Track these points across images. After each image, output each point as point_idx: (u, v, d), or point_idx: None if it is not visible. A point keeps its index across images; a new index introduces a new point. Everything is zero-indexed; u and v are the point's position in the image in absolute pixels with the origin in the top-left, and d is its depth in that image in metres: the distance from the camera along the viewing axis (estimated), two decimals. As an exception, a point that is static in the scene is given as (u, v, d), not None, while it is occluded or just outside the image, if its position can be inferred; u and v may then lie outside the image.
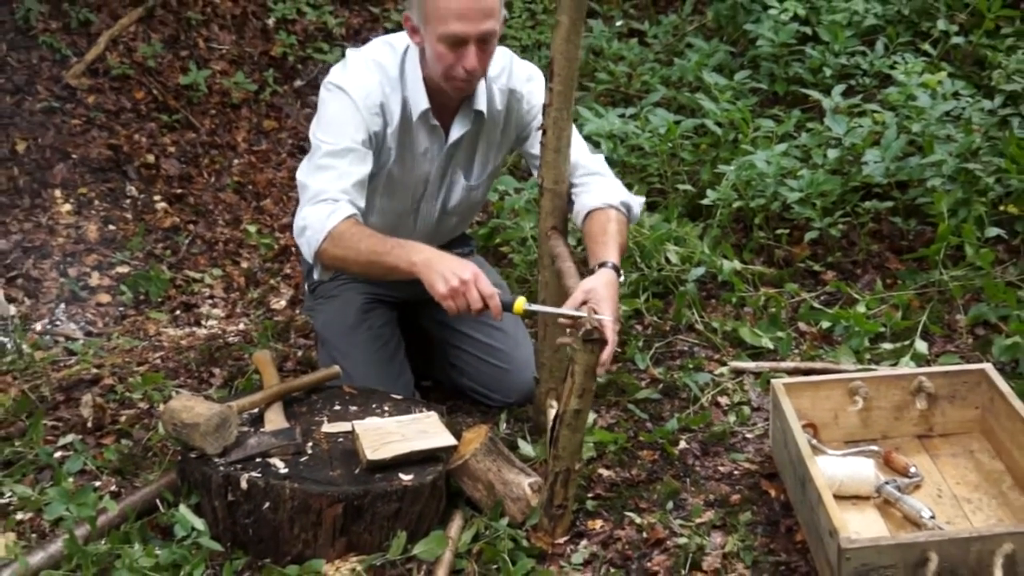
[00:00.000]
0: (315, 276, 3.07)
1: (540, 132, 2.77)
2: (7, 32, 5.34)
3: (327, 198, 2.73)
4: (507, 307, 2.49)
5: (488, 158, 3.08)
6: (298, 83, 5.75)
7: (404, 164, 2.96)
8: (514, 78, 2.99)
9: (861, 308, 3.36)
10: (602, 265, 2.60)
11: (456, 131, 2.96)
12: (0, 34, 5.32)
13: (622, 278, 2.62)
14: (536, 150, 2.88)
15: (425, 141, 2.95)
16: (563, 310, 2.46)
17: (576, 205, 2.84)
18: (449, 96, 2.89)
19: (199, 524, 2.52)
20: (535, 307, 2.57)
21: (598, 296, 2.44)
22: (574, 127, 3.00)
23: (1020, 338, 2.92)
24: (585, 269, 2.67)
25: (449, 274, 2.49)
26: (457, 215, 3.20)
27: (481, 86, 2.92)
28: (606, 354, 2.37)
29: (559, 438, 2.44)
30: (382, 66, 2.89)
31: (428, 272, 2.53)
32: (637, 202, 2.90)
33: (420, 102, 2.87)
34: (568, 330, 2.45)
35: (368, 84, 2.84)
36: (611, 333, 2.38)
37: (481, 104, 2.93)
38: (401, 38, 2.91)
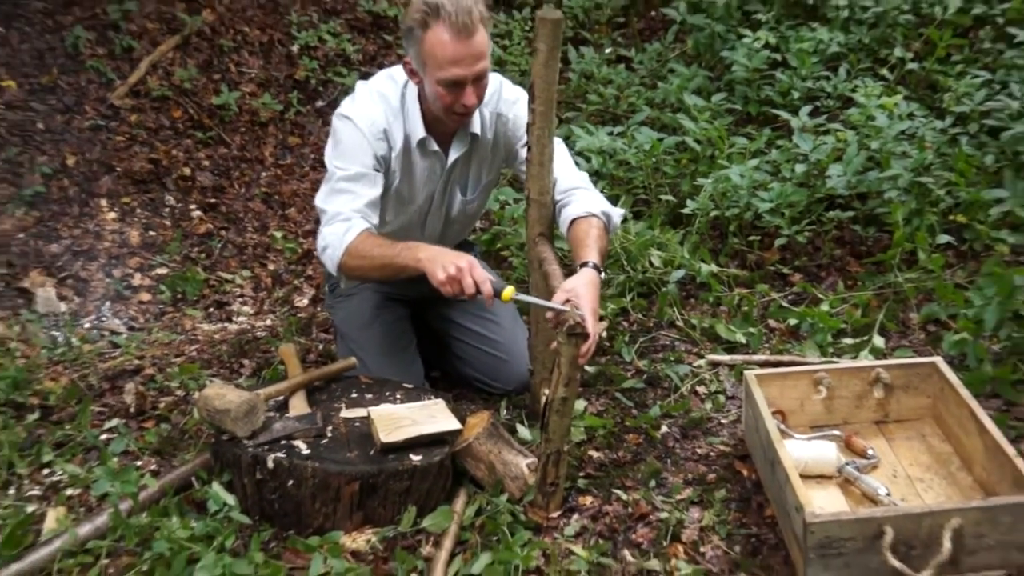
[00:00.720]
0: (341, 285, 3.09)
1: (525, 148, 2.79)
2: (58, 57, 5.35)
3: (343, 218, 2.76)
4: (497, 294, 2.51)
5: (481, 175, 3.10)
6: (319, 103, 5.75)
7: (410, 184, 2.98)
8: (502, 102, 3.00)
9: (825, 307, 3.37)
10: (583, 265, 2.60)
11: (454, 153, 2.97)
12: (51, 59, 5.32)
13: (609, 278, 2.63)
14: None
15: (427, 163, 2.97)
16: (548, 303, 2.47)
17: (562, 215, 2.84)
18: (452, 129, 2.92)
19: (230, 499, 2.53)
20: (522, 296, 2.58)
21: (579, 294, 2.45)
22: (565, 147, 3.01)
23: (967, 334, 2.92)
24: (569, 271, 2.67)
25: (447, 263, 2.51)
26: (459, 223, 3.22)
27: (475, 117, 2.93)
28: (586, 346, 2.38)
29: (549, 423, 2.45)
30: (385, 97, 2.90)
31: (430, 264, 2.55)
32: (617, 213, 2.90)
33: (418, 131, 2.89)
34: (554, 327, 2.46)
35: (372, 113, 2.86)
36: (592, 326, 2.39)
37: (476, 127, 2.95)
38: (401, 70, 2.91)
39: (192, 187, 5.08)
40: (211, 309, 4.30)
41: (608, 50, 5.46)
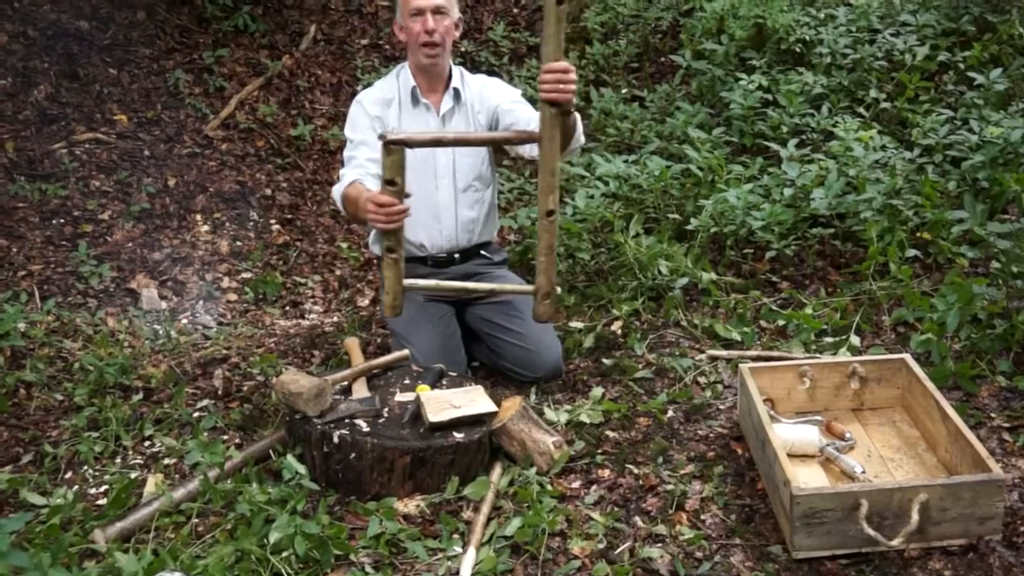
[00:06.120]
0: (370, 245, 3.37)
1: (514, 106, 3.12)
2: (161, 96, 5.40)
3: (344, 175, 3.02)
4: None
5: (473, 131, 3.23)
6: (379, 135, 5.76)
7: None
8: (482, 84, 3.23)
9: (808, 310, 3.33)
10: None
11: (445, 105, 3.17)
12: (156, 97, 5.37)
13: (623, 284, 2.60)
14: (511, 117, 3.11)
15: (423, 117, 3.18)
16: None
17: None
18: (432, 78, 3.15)
19: (302, 469, 2.53)
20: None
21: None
22: (521, 101, 3.19)
23: (932, 335, 2.88)
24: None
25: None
26: (468, 199, 3.24)
27: (457, 76, 3.20)
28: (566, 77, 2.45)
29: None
30: (384, 79, 3.26)
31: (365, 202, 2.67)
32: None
33: (409, 82, 3.17)
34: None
35: (371, 91, 3.21)
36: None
37: (457, 83, 3.18)
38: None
39: (272, 205, 5.11)
40: (287, 308, 4.32)
41: (624, 90, 5.43)
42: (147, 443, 2.90)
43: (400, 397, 2.73)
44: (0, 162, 4.56)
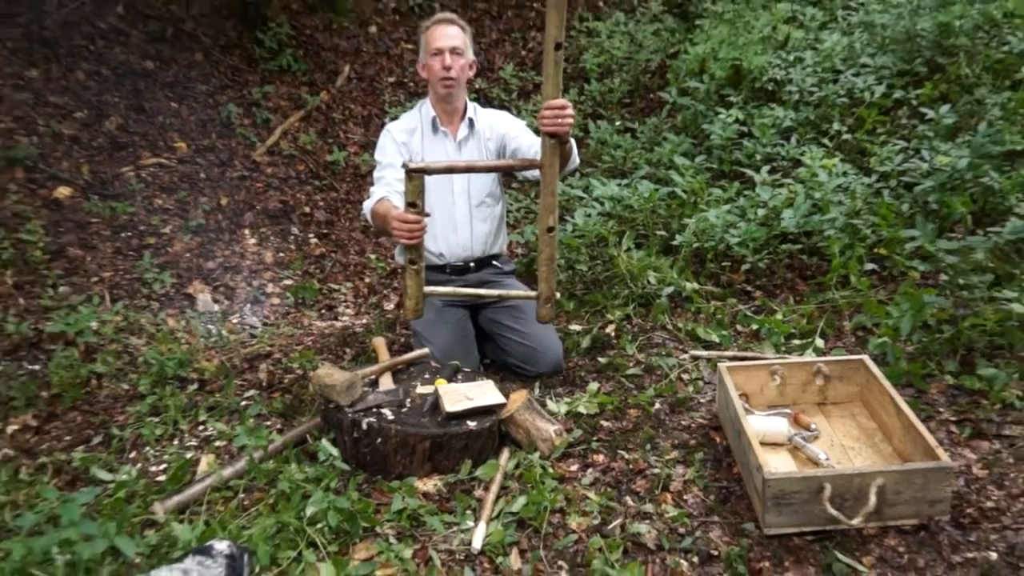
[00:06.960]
0: (396, 257, 3.37)
1: (520, 132, 3.11)
2: (216, 126, 5.41)
3: (372, 193, 3.02)
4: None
5: (485, 157, 3.22)
6: (405, 161, 5.77)
7: (432, 157, 3.17)
8: (492, 116, 3.24)
9: (779, 316, 3.31)
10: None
11: (460, 133, 3.18)
12: (211, 127, 5.39)
13: (615, 293, 2.57)
14: (516, 143, 3.12)
15: (441, 143, 3.18)
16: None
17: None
18: (450, 110, 3.16)
19: (334, 452, 2.52)
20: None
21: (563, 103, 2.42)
22: (525, 129, 3.20)
23: (888, 338, 2.86)
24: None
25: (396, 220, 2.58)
26: (481, 215, 3.23)
27: (471, 108, 3.20)
28: (564, 111, 2.41)
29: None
30: (409, 111, 3.27)
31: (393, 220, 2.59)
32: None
33: (429, 113, 3.19)
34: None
35: (397, 122, 3.22)
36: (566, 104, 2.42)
37: (471, 114, 3.19)
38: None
39: (311, 221, 5.12)
40: (323, 311, 4.32)
41: (618, 123, 5.43)
42: (201, 427, 2.90)
43: (421, 389, 2.72)
44: (77, 183, 4.57)
